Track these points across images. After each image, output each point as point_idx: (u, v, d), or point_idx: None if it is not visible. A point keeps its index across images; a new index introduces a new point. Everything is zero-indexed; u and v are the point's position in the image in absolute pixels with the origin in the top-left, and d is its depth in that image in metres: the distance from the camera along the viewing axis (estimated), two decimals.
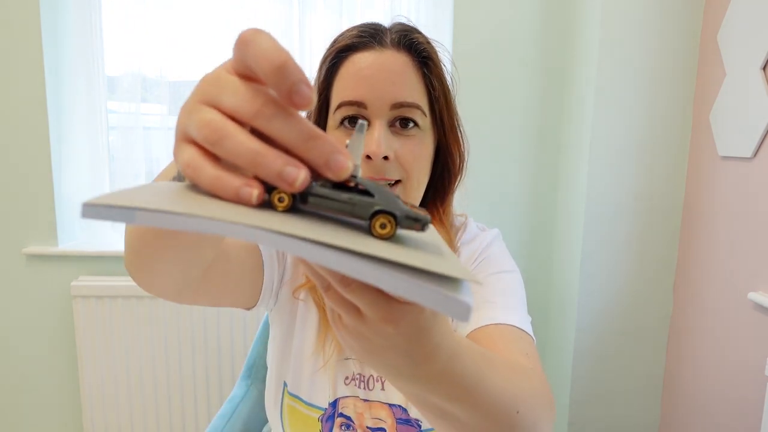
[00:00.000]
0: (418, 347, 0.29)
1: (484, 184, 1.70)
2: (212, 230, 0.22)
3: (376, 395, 0.69)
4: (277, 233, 0.22)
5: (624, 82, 1.52)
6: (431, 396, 0.34)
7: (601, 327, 1.64)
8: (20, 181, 1.64)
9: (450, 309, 0.22)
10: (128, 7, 1.67)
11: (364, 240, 0.24)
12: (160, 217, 0.22)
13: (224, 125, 0.24)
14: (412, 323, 0.27)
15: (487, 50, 1.65)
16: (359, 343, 0.30)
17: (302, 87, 0.23)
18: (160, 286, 0.49)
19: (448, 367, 0.32)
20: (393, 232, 0.25)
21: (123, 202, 0.22)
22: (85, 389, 1.68)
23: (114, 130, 1.77)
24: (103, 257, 1.68)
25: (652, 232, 1.60)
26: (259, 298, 0.68)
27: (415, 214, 0.26)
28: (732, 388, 1.39)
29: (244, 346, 1.69)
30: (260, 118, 0.24)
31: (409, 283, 0.22)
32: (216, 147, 0.24)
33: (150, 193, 0.24)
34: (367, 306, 0.27)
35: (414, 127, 0.63)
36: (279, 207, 0.25)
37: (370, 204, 0.25)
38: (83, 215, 0.22)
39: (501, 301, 0.63)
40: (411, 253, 0.24)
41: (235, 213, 0.23)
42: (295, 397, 0.70)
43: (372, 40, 0.63)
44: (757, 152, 1.31)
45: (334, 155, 0.24)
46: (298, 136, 0.24)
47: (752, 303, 1.32)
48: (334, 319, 0.31)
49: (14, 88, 1.60)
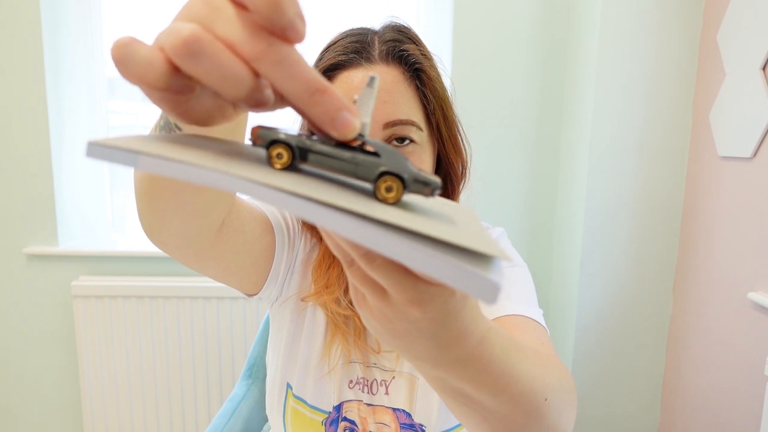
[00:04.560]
0: (446, 331, 0.27)
1: (484, 184, 1.70)
2: (216, 183, 0.21)
3: (380, 399, 0.69)
4: (289, 193, 0.20)
5: (624, 83, 1.52)
6: (456, 381, 0.32)
7: (601, 327, 1.64)
8: (21, 181, 1.64)
9: (480, 290, 0.20)
10: (128, 7, 1.67)
11: (373, 204, 0.22)
12: (162, 164, 0.21)
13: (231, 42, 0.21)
14: (440, 307, 0.26)
15: (487, 50, 1.65)
16: (383, 325, 0.28)
17: (297, 22, 0.21)
18: (167, 237, 0.48)
19: (476, 351, 0.30)
20: (400, 196, 0.23)
21: (128, 145, 0.21)
22: (85, 389, 1.68)
23: (114, 130, 1.77)
24: (104, 257, 1.68)
25: (652, 232, 1.60)
26: (264, 283, 0.67)
27: (425, 177, 0.24)
28: (732, 388, 1.39)
29: (244, 346, 1.69)
30: (263, 61, 0.21)
31: (435, 258, 0.20)
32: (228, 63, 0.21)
33: (157, 141, 0.24)
34: (393, 286, 0.25)
35: (411, 143, 0.61)
36: (277, 164, 0.24)
37: (376, 164, 0.23)
38: (87, 154, 0.22)
39: (514, 293, 0.62)
40: (432, 224, 0.22)
41: (239, 167, 0.22)
42: (300, 399, 0.70)
43: (358, 57, 0.60)
44: (757, 152, 1.31)
45: (340, 112, 0.22)
46: (304, 88, 0.22)
47: (752, 303, 1.32)
48: (357, 298, 0.30)
49: (15, 89, 1.60)
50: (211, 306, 1.65)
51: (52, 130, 1.62)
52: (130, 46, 0.21)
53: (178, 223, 0.47)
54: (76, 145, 1.71)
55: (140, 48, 0.21)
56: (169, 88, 0.22)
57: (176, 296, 1.63)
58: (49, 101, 1.60)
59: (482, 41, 1.65)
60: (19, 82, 1.59)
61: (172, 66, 0.21)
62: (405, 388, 0.68)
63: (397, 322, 0.27)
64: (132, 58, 0.21)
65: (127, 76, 0.22)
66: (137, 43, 0.21)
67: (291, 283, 0.70)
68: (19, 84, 1.59)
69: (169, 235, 0.48)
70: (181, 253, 0.52)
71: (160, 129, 0.39)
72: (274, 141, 0.24)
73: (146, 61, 0.21)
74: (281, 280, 0.68)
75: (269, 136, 0.24)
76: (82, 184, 1.75)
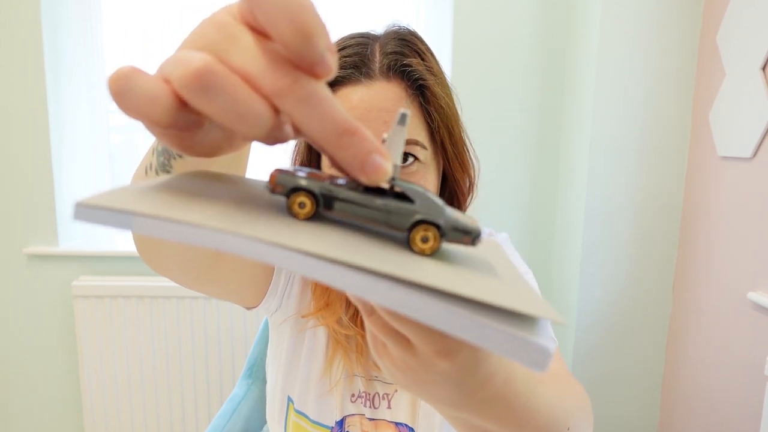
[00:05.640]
0: (473, 378, 0.26)
1: (484, 184, 1.70)
2: (226, 247, 0.18)
3: (382, 414, 0.68)
4: (307, 254, 0.18)
5: (624, 83, 1.52)
6: (480, 421, 0.30)
7: (601, 327, 1.64)
8: (21, 181, 1.64)
9: (529, 357, 0.17)
10: (129, 8, 1.67)
11: (407, 260, 0.20)
12: (163, 226, 0.18)
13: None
14: (468, 356, 0.24)
15: (487, 50, 1.65)
16: (406, 375, 0.26)
17: (328, 57, 0.19)
18: (166, 267, 0.47)
19: (500, 392, 0.28)
20: (437, 246, 0.21)
21: (122, 205, 0.19)
22: (85, 389, 1.68)
23: (114, 130, 1.77)
24: (104, 257, 1.69)
25: (651, 232, 1.60)
26: (263, 299, 0.66)
27: (464, 225, 0.21)
28: (731, 388, 1.39)
29: (245, 346, 1.69)
30: (287, 98, 0.19)
31: (479, 325, 0.17)
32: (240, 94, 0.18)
33: (156, 193, 0.21)
34: (418, 338, 0.23)
35: (415, 162, 0.57)
36: (300, 214, 0.21)
37: (410, 212, 0.21)
38: (75, 217, 0.19)
39: None
40: (472, 280, 0.19)
41: (248, 222, 0.19)
42: (302, 414, 0.69)
43: (357, 73, 0.56)
44: (757, 152, 1.31)
45: (371, 155, 0.19)
46: (332, 129, 0.19)
47: (751, 303, 1.32)
48: (376, 347, 0.27)
49: (15, 89, 1.60)
50: (211, 306, 1.65)
51: (52, 130, 1.62)
52: (130, 78, 0.18)
53: (176, 250, 0.45)
54: (76, 145, 1.71)
55: (142, 80, 0.19)
56: (174, 125, 0.19)
57: (176, 296, 1.63)
58: (49, 101, 1.60)
59: (482, 41, 1.65)
60: (19, 82, 1.59)
61: (178, 100, 0.19)
62: (407, 402, 0.67)
63: (422, 373, 0.25)
64: (133, 92, 0.18)
65: (128, 111, 0.19)
66: (139, 74, 0.19)
67: (290, 295, 0.69)
68: (19, 84, 1.59)
69: (168, 260, 0.46)
70: (180, 277, 0.50)
71: (158, 153, 0.37)
72: (296, 188, 0.21)
73: (149, 94, 0.18)
74: (280, 292, 0.67)
75: (291, 183, 0.21)
76: (82, 184, 1.75)
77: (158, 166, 0.37)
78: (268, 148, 1.53)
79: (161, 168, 0.37)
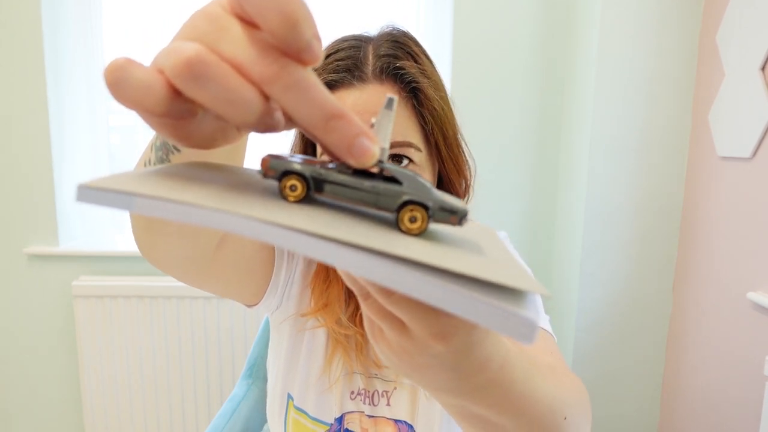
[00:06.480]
0: (468, 362, 0.26)
1: (483, 184, 1.70)
2: (223, 225, 0.19)
3: (381, 411, 0.68)
4: (301, 232, 0.18)
5: (623, 83, 1.52)
6: (477, 408, 0.31)
7: (601, 327, 1.64)
8: (21, 181, 1.64)
9: (516, 330, 0.18)
10: (128, 7, 1.67)
11: (397, 238, 0.20)
12: (161, 206, 0.19)
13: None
14: (464, 338, 0.24)
15: (487, 50, 1.65)
16: (402, 359, 0.27)
17: (315, 44, 0.20)
18: (165, 262, 0.47)
19: (497, 377, 0.29)
20: (425, 226, 0.22)
21: (122, 187, 0.19)
22: (85, 389, 1.68)
23: (114, 130, 1.77)
24: (104, 257, 1.69)
25: (651, 232, 1.61)
26: (264, 295, 0.66)
27: (451, 205, 0.22)
28: (731, 388, 1.39)
29: (245, 346, 1.69)
30: (275, 85, 0.20)
31: (468, 299, 0.18)
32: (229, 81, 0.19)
33: (154, 178, 0.21)
34: (413, 321, 0.23)
35: (409, 164, 0.58)
36: (290, 197, 0.22)
37: (398, 193, 0.22)
38: (78, 198, 0.20)
39: None
40: (460, 257, 0.20)
41: (248, 204, 0.20)
42: (301, 411, 0.69)
43: (350, 77, 0.56)
44: (756, 152, 1.31)
45: (358, 138, 0.20)
46: (319, 113, 0.20)
47: (751, 303, 1.32)
48: (373, 332, 0.28)
49: (15, 89, 1.60)
50: (211, 306, 1.65)
51: (52, 129, 1.62)
52: (125, 69, 0.19)
53: (176, 244, 0.45)
54: (76, 145, 1.71)
55: (137, 70, 0.19)
56: (169, 114, 0.20)
57: (176, 296, 1.63)
58: (49, 101, 1.60)
59: (482, 41, 1.65)
60: (19, 82, 1.59)
61: (172, 90, 0.20)
62: (407, 399, 0.68)
63: (418, 356, 0.25)
64: (128, 82, 0.19)
65: (123, 101, 0.20)
66: (133, 65, 0.20)
67: (291, 293, 0.69)
68: (19, 84, 1.59)
69: (168, 255, 0.46)
70: (180, 273, 0.50)
71: (156, 149, 0.37)
72: (287, 172, 0.22)
73: (144, 84, 0.19)
74: (281, 290, 0.67)
75: (282, 166, 0.22)
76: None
77: (156, 161, 0.37)
78: (263, 141, 1.53)
79: (159, 163, 0.37)
